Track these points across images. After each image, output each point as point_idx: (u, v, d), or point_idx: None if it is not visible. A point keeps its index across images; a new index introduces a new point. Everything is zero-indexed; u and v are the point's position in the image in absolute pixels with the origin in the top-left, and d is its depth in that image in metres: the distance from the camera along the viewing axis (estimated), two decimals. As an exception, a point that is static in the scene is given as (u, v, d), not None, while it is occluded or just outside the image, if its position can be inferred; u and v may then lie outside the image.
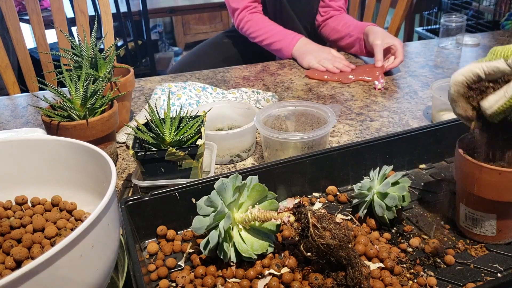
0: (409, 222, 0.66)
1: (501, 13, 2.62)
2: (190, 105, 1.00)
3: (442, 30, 1.47)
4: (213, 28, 3.77)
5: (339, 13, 1.48)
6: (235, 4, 1.41)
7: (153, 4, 2.66)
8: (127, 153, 0.90)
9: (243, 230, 0.58)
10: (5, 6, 1.29)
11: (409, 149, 0.77)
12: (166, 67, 3.04)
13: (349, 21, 1.43)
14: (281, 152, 0.78)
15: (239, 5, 1.41)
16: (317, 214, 0.52)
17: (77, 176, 0.60)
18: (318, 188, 0.73)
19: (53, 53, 0.86)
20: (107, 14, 1.38)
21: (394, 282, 0.54)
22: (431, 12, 2.97)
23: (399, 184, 0.64)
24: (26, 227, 0.57)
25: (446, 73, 1.27)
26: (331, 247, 0.51)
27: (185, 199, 0.63)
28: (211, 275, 0.55)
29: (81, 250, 0.41)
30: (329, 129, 0.77)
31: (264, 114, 0.83)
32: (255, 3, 1.42)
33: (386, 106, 1.07)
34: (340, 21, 1.45)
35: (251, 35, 1.41)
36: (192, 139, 0.70)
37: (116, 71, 0.94)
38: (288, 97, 1.14)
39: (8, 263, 0.51)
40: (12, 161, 0.60)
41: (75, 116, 0.75)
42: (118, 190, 0.79)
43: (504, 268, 0.57)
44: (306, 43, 1.36)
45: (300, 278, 0.54)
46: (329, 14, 1.49)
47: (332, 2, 1.48)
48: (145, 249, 0.62)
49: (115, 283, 0.55)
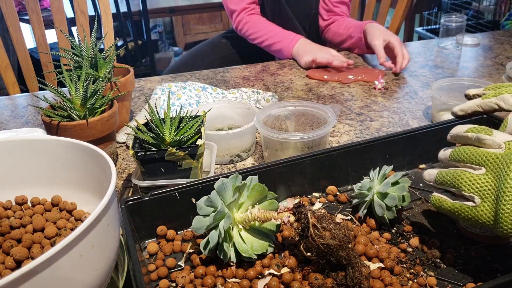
0: (409, 222, 0.66)
1: (501, 13, 2.62)
2: (190, 105, 1.00)
3: (442, 30, 1.47)
4: (213, 28, 3.77)
5: (341, 18, 1.49)
6: (233, 6, 1.42)
7: (153, 4, 2.66)
8: (127, 153, 0.90)
9: (243, 230, 0.58)
10: (5, 6, 1.29)
11: (409, 149, 0.77)
12: (166, 67, 3.03)
13: (349, 23, 1.43)
14: (281, 152, 0.78)
15: (237, 7, 1.41)
16: (317, 214, 0.52)
17: (77, 176, 0.60)
18: (318, 188, 0.73)
19: (53, 53, 0.86)
20: (107, 14, 1.38)
21: (394, 282, 0.54)
22: (431, 12, 2.98)
23: (399, 184, 0.64)
24: (26, 227, 0.57)
25: (446, 73, 1.27)
26: (331, 247, 0.51)
27: (185, 199, 0.63)
28: (211, 275, 0.55)
29: (81, 250, 0.41)
30: (329, 129, 0.77)
31: (264, 114, 0.83)
32: (253, 4, 1.42)
33: (386, 106, 1.07)
34: (341, 24, 1.46)
35: (250, 36, 1.41)
36: (192, 139, 0.70)
37: (116, 71, 0.94)
38: (288, 97, 1.14)
39: (8, 263, 0.51)
40: (12, 161, 0.60)
41: (75, 116, 0.75)
42: (118, 190, 0.79)
43: (504, 268, 0.57)
44: (306, 44, 1.36)
45: (300, 278, 0.54)
46: (332, 19, 1.50)
47: (336, 8, 1.48)
48: (145, 249, 0.62)
49: (115, 283, 0.55)
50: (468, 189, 0.51)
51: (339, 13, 1.49)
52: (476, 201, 0.51)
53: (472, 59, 1.38)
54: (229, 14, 1.45)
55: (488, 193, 0.50)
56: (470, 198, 0.52)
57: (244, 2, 1.40)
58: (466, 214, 0.52)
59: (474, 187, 0.51)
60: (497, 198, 0.48)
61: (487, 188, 0.50)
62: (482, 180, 0.51)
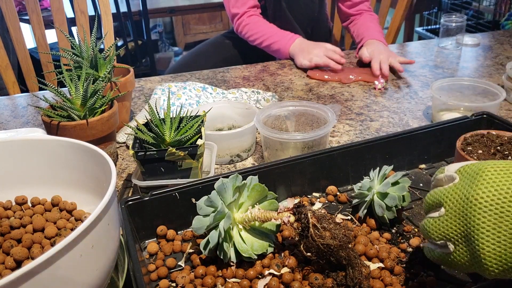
0: (409, 222, 0.66)
1: (501, 13, 2.62)
2: (190, 105, 0.99)
3: (442, 30, 1.47)
4: (213, 28, 3.77)
5: (359, 16, 1.49)
6: (235, 10, 1.41)
7: (153, 4, 2.66)
8: (127, 153, 0.90)
9: (243, 230, 0.58)
10: (5, 6, 1.29)
11: (409, 149, 0.77)
12: (166, 67, 3.04)
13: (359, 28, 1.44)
14: (281, 152, 0.78)
15: (239, 10, 1.41)
16: (317, 214, 0.52)
17: (77, 176, 0.60)
18: (318, 188, 0.73)
19: (53, 53, 0.86)
20: (107, 14, 1.38)
21: (394, 282, 0.54)
22: (431, 12, 2.97)
23: (399, 184, 0.64)
24: (26, 227, 0.57)
25: (446, 73, 1.27)
26: (331, 247, 0.51)
27: (185, 199, 0.63)
28: (211, 275, 0.55)
29: (81, 250, 0.41)
30: (329, 129, 0.77)
31: (264, 114, 0.83)
32: (254, 8, 1.42)
33: (386, 106, 1.07)
34: (354, 28, 1.46)
35: (250, 38, 1.41)
36: (192, 139, 0.70)
37: (116, 71, 0.94)
38: (288, 97, 1.14)
39: (8, 263, 0.51)
40: (12, 161, 0.60)
41: (75, 116, 0.75)
42: (118, 190, 0.79)
43: (504, 268, 0.57)
44: (302, 42, 1.35)
45: (300, 278, 0.54)
46: (349, 20, 1.50)
47: (352, 10, 1.48)
48: (145, 249, 0.62)
49: (115, 283, 0.55)
50: (437, 236, 0.46)
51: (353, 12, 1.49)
52: (450, 247, 0.45)
53: (472, 59, 1.38)
54: (231, 18, 1.45)
55: (456, 235, 0.44)
56: (443, 245, 0.46)
57: (246, 5, 1.40)
58: (449, 262, 0.46)
59: (440, 232, 0.45)
60: (468, 239, 0.42)
61: (452, 229, 0.44)
62: (443, 222, 0.45)
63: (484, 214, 0.41)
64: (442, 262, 0.48)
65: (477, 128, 0.76)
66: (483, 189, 0.41)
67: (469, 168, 0.45)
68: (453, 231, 0.44)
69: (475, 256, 0.42)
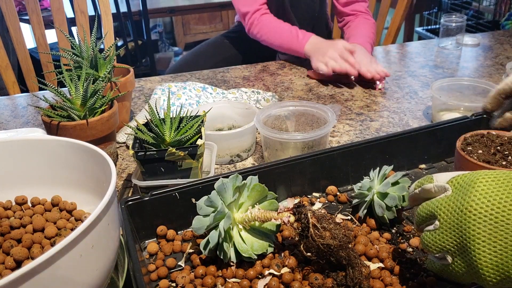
0: (409, 222, 0.66)
1: (501, 13, 2.62)
2: (190, 105, 1.00)
3: (442, 30, 1.47)
4: (213, 28, 3.77)
5: (354, 17, 1.47)
6: (245, 9, 1.38)
7: (153, 4, 2.66)
8: (127, 153, 0.90)
9: (243, 230, 0.58)
10: (5, 6, 1.29)
11: (409, 149, 0.77)
12: (166, 67, 3.03)
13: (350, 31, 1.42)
14: (281, 152, 0.78)
15: (249, 8, 1.38)
16: (317, 214, 0.52)
17: (77, 176, 0.60)
18: (318, 188, 0.73)
19: (53, 53, 0.86)
20: (107, 14, 1.38)
21: (394, 282, 0.54)
22: (431, 12, 2.97)
23: (399, 184, 0.64)
24: (26, 227, 0.57)
25: (446, 73, 1.27)
26: (331, 247, 0.51)
27: (185, 199, 0.63)
28: (211, 275, 0.55)
29: (81, 250, 0.41)
30: (329, 129, 0.77)
31: (264, 114, 0.83)
32: (265, 5, 1.40)
33: (386, 106, 1.07)
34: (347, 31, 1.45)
35: (261, 38, 1.38)
36: (192, 139, 0.70)
37: (116, 71, 0.94)
38: (288, 97, 1.14)
39: (8, 263, 0.51)
40: (12, 161, 0.60)
41: (75, 116, 0.75)
42: (118, 190, 0.79)
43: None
44: (316, 42, 1.30)
45: (300, 278, 0.54)
46: (344, 21, 1.49)
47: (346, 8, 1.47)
48: (145, 249, 0.62)
49: (115, 283, 0.55)
50: (435, 249, 0.46)
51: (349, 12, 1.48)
52: (449, 259, 0.45)
53: (472, 59, 1.38)
54: (241, 17, 1.42)
55: (452, 247, 0.44)
56: (441, 257, 0.46)
57: (256, 3, 1.38)
58: (448, 273, 0.46)
59: (437, 245, 0.45)
60: (465, 250, 0.42)
61: (449, 242, 0.44)
62: (439, 234, 0.45)
63: (479, 225, 0.41)
64: (443, 274, 0.48)
65: (477, 128, 0.76)
66: (476, 201, 0.42)
67: (461, 179, 0.46)
68: (449, 243, 0.44)
69: (472, 267, 0.42)
